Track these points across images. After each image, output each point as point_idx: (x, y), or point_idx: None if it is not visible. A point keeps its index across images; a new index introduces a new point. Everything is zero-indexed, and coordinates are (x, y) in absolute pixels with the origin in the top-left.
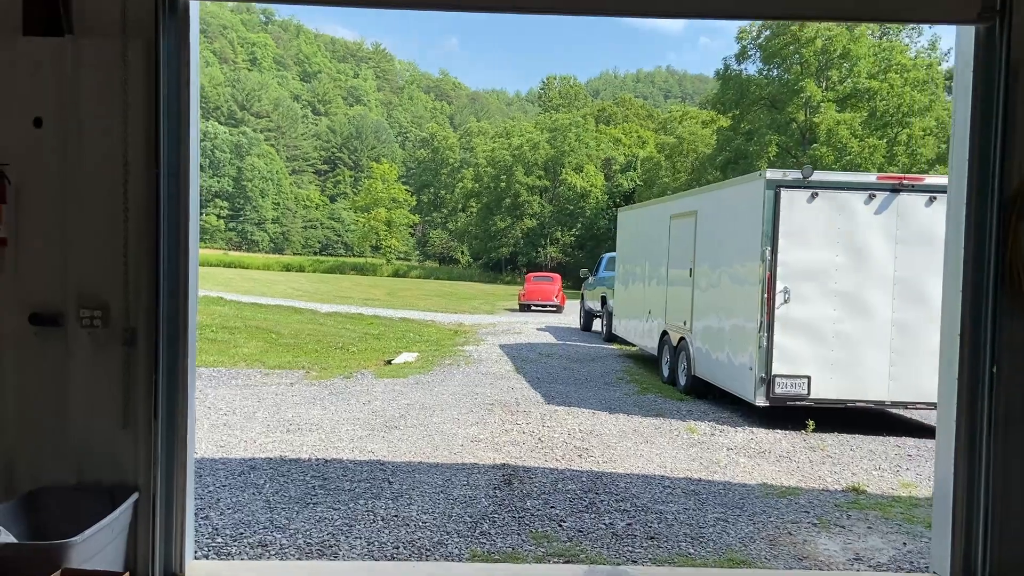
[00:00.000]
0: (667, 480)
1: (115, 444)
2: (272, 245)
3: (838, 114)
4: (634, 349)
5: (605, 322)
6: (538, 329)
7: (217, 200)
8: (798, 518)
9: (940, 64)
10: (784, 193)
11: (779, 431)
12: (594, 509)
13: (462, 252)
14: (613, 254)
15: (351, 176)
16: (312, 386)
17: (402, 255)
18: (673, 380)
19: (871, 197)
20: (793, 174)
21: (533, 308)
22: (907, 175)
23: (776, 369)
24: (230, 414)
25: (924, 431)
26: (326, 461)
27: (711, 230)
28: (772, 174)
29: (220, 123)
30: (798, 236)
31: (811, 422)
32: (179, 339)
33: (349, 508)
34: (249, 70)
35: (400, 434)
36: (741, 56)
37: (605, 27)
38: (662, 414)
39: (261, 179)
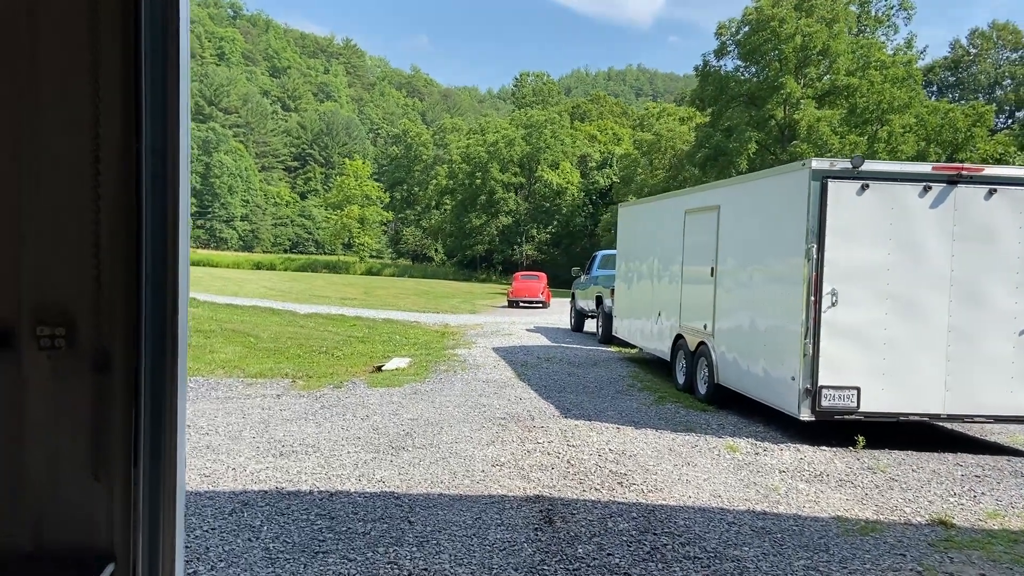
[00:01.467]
0: (728, 514)
1: (84, 500)
2: (241, 243)
3: (817, 111)
4: (634, 352)
5: (601, 323)
6: (528, 330)
7: None
8: (896, 564)
9: (917, 62)
10: (831, 185)
11: (826, 448)
12: (659, 557)
13: (436, 250)
14: (608, 252)
15: (322, 173)
16: (301, 398)
17: (375, 253)
18: (690, 387)
19: (926, 189)
20: (841, 163)
21: (521, 305)
22: (965, 165)
23: (823, 379)
24: (212, 433)
25: (981, 447)
26: (331, 494)
27: (739, 225)
28: (818, 164)
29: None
30: (847, 232)
31: (861, 438)
32: (166, 364)
33: (367, 559)
34: (217, 65)
35: (410, 457)
36: (720, 52)
37: (575, 25)
38: (692, 428)
39: (230, 176)
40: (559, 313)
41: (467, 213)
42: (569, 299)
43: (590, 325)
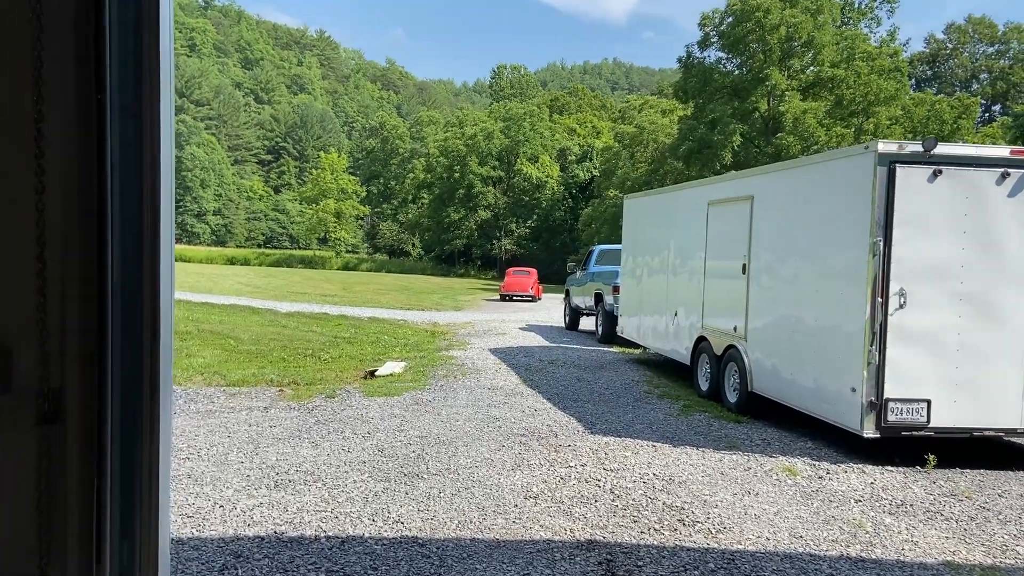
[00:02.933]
0: (822, 563)
1: None
2: (214, 237)
3: (802, 103)
4: (639, 352)
5: (602, 322)
6: (521, 329)
7: None
8: None
9: (902, 53)
10: (900, 170)
11: (892, 469)
12: None
13: (413, 244)
14: (606, 246)
15: (296, 166)
16: (291, 411)
17: (351, 248)
18: (715, 395)
19: (1004, 176)
20: (911, 146)
21: (514, 298)
22: None
23: (889, 391)
24: (195, 458)
25: None
26: (342, 541)
27: (779, 217)
28: (886, 147)
29: None
30: (917, 224)
31: (931, 457)
32: (142, 409)
33: None
34: (188, 56)
35: (426, 487)
36: (704, 43)
37: (550, 19)
38: (735, 445)
39: (201, 169)
40: (547, 309)
41: (445, 207)
42: (563, 296)
43: (585, 323)
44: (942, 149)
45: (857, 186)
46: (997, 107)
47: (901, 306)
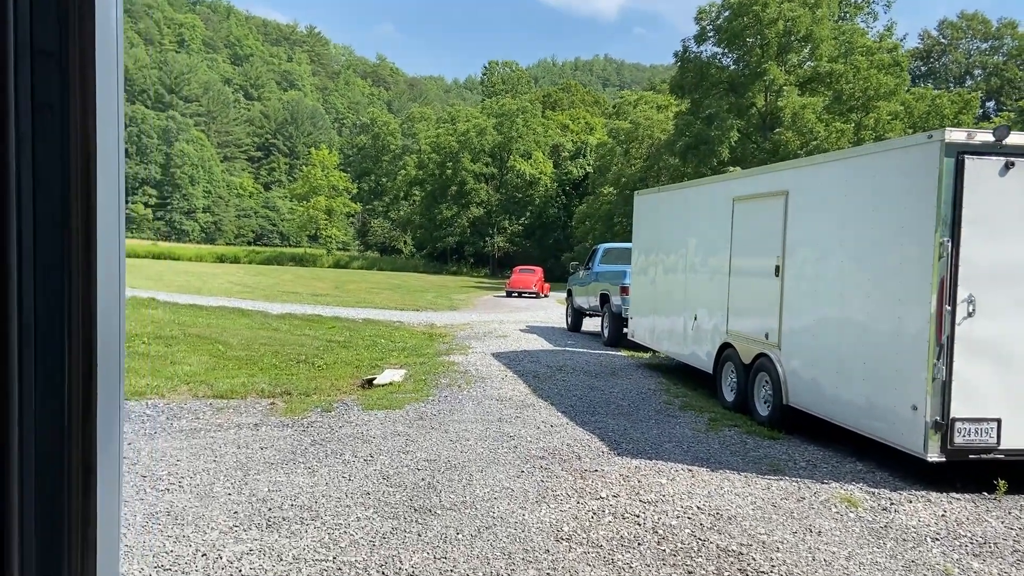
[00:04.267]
0: None
1: None
2: (203, 235)
3: (800, 98)
4: (648, 356)
5: (608, 324)
6: (521, 330)
7: (145, 188)
8: None
9: (900, 48)
10: (969, 162)
11: (959, 496)
12: None
13: (405, 242)
14: (611, 245)
15: (286, 163)
16: (284, 428)
17: (342, 245)
18: (742, 406)
19: None
20: (981, 135)
21: (523, 295)
22: None
23: (956, 410)
24: (175, 489)
25: None
26: None
27: (821, 215)
28: (954, 135)
29: (147, 107)
30: (987, 222)
31: (1002, 482)
32: (72, 461)
33: None
34: (177, 52)
35: (441, 525)
36: (700, 38)
37: (541, 16)
38: (779, 469)
39: (191, 166)
40: (545, 309)
41: (437, 204)
42: (564, 296)
43: (588, 324)
44: (1015, 139)
45: (920, 180)
46: (991, 103)
47: (970, 314)
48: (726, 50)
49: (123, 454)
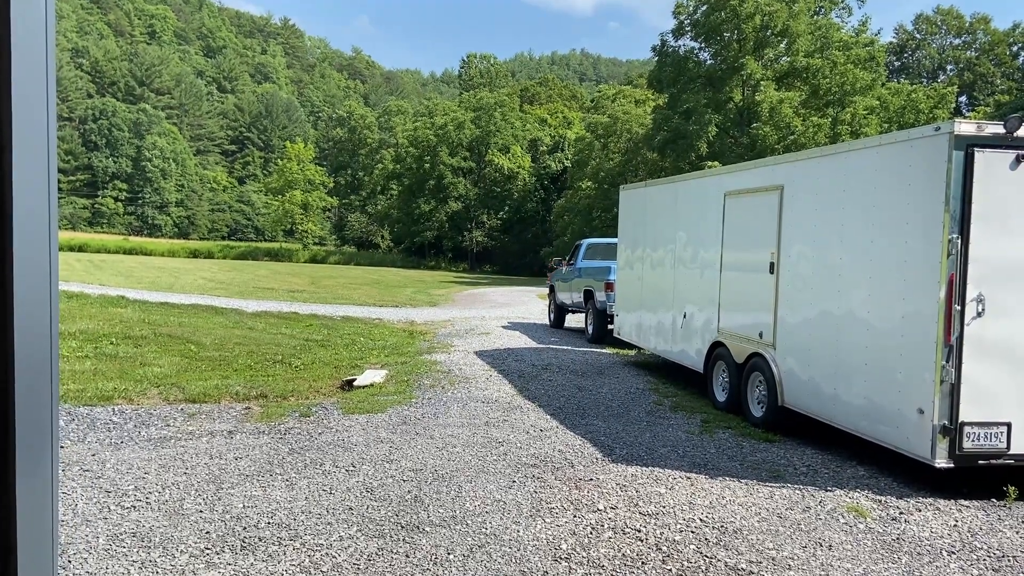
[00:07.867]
0: None
1: None
2: (176, 230)
3: (777, 92)
4: (634, 353)
5: (593, 320)
6: (503, 327)
7: (116, 182)
8: None
9: (878, 42)
10: (979, 155)
11: (968, 504)
12: None
13: (382, 236)
14: (595, 240)
15: (261, 157)
16: (260, 435)
17: (319, 240)
18: (735, 407)
19: None
20: (991, 127)
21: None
22: None
23: (965, 414)
24: (142, 506)
25: None
26: None
27: (820, 210)
28: (963, 128)
29: (117, 99)
30: (997, 219)
31: (1012, 488)
32: None
33: None
34: (148, 44)
35: (430, 544)
36: (678, 32)
37: (517, 10)
38: (779, 475)
39: (163, 159)
40: (525, 304)
41: (415, 198)
42: (547, 291)
43: (571, 320)
44: None
45: (927, 174)
46: (963, 98)
47: (979, 314)
48: (703, 44)
49: (57, 486)
